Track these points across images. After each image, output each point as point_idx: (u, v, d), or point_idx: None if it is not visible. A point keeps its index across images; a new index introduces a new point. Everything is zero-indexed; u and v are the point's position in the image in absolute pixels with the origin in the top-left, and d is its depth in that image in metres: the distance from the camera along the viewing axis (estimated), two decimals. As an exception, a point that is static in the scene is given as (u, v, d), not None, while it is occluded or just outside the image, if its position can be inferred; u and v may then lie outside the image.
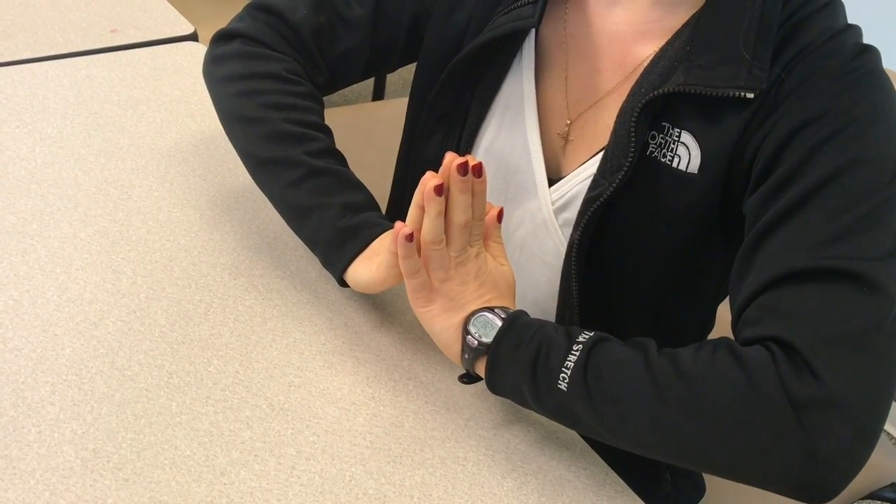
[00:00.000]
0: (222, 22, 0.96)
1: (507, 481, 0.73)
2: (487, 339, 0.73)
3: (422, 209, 0.72)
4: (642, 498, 0.74)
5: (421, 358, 0.83)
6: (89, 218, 0.93)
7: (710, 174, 0.76)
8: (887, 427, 1.95)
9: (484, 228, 0.76)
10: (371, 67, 0.95)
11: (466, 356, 0.74)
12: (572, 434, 0.78)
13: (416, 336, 0.85)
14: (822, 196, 0.70)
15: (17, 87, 1.13)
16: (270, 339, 0.82)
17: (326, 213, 0.82)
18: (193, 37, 1.32)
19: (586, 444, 0.78)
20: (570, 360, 0.69)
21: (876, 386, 0.65)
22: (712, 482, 1.04)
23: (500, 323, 0.73)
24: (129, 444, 0.71)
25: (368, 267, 0.79)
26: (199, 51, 1.27)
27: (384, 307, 0.88)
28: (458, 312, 0.75)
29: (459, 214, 0.72)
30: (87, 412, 0.73)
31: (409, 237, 0.72)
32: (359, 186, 0.85)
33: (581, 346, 0.70)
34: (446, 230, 0.73)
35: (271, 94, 0.87)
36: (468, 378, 0.77)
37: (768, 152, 0.73)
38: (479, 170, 0.71)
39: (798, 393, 0.64)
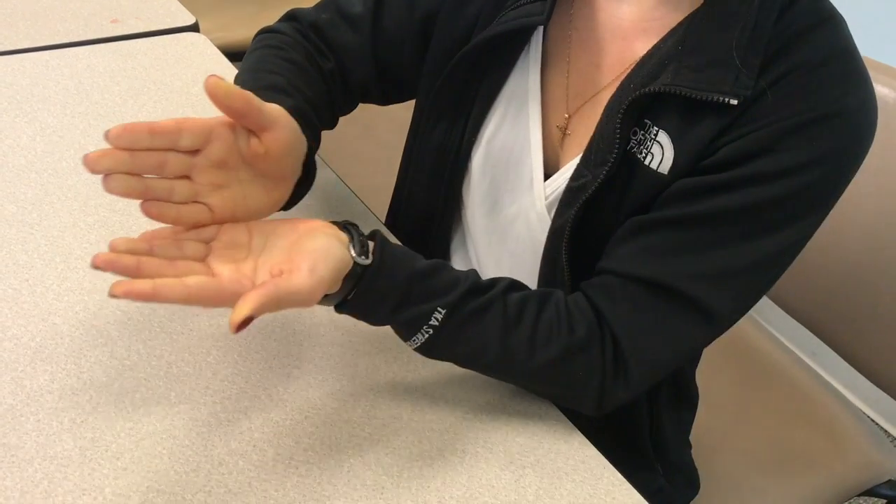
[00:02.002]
0: (224, 13, 0.95)
1: (505, 474, 0.73)
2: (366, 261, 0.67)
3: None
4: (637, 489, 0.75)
5: (420, 350, 0.83)
6: (89, 207, 0.93)
7: (677, 177, 0.76)
8: (886, 426, 1.95)
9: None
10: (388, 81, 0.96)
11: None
12: (570, 427, 0.78)
13: (416, 328, 0.85)
14: (722, 228, 0.73)
15: (17, 77, 1.12)
16: (270, 330, 0.82)
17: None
18: (195, 27, 1.31)
19: (584, 438, 0.78)
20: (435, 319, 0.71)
21: (660, 375, 0.80)
22: (706, 481, 1.05)
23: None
24: (128, 434, 0.71)
25: None
26: (200, 41, 1.27)
27: (383, 299, 0.88)
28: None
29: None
30: (85, 401, 0.73)
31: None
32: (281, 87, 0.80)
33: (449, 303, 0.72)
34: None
35: (284, 49, 0.88)
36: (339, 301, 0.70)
37: (722, 158, 0.73)
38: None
39: (609, 386, 0.76)
